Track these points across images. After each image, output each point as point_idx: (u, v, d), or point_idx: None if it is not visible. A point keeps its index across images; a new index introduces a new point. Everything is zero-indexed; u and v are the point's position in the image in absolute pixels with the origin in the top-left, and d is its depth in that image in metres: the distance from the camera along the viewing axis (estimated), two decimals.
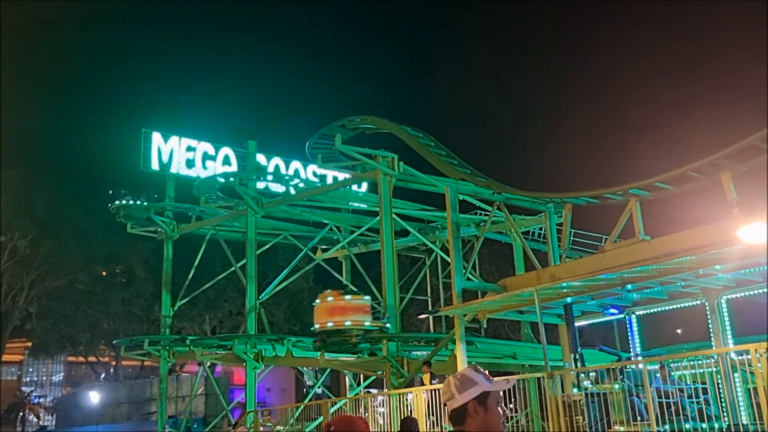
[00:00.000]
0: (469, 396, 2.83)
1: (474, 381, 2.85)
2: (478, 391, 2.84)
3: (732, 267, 13.02)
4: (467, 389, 2.84)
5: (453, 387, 2.87)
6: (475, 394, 2.83)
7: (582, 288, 14.51)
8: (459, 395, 2.84)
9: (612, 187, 16.01)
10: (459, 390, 2.85)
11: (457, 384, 2.87)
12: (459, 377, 2.89)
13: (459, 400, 2.84)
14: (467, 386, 2.85)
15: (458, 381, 2.88)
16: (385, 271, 21.06)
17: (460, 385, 2.86)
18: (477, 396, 2.83)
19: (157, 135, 30.20)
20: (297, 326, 42.85)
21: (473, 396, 2.83)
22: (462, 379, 2.88)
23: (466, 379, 2.87)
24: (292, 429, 20.60)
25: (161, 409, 28.85)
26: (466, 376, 2.89)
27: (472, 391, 2.83)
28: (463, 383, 2.86)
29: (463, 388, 2.85)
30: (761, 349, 9.86)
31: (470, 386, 2.84)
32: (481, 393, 2.84)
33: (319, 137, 23.94)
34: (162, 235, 29.92)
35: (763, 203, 12.54)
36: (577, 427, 12.23)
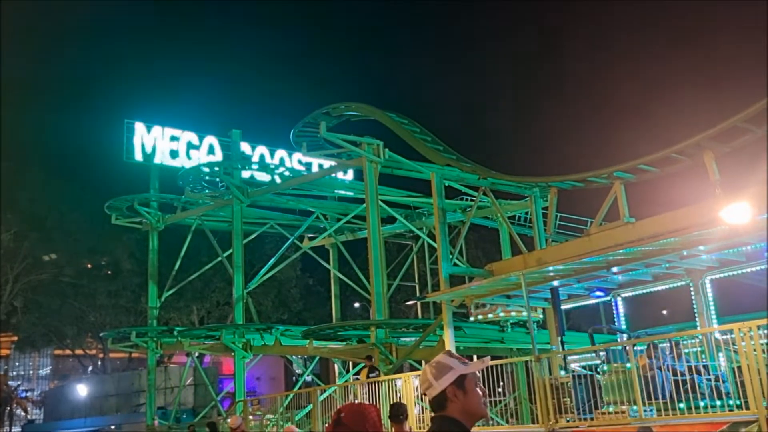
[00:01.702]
0: (447, 381, 2.84)
1: (449, 366, 2.87)
2: (455, 375, 2.84)
3: (715, 247, 13.14)
4: (444, 375, 2.85)
5: (430, 375, 2.88)
6: (452, 379, 2.84)
7: (568, 271, 14.59)
8: (436, 382, 2.85)
9: (596, 170, 16.07)
10: (436, 377, 2.86)
11: (434, 372, 2.88)
12: (434, 365, 2.90)
13: (437, 387, 2.85)
14: (443, 372, 2.86)
15: (434, 369, 2.89)
16: (372, 258, 21.07)
17: (436, 373, 2.87)
18: (455, 380, 2.84)
19: (140, 125, 29.96)
20: (285, 315, 42.89)
21: (451, 381, 2.84)
22: (437, 366, 2.89)
23: (441, 365, 2.88)
24: (281, 417, 20.64)
25: (150, 401, 28.80)
26: (441, 362, 2.90)
27: (449, 376, 2.84)
28: (439, 370, 2.87)
29: (440, 374, 2.86)
30: (745, 329, 9.96)
31: (446, 372, 2.86)
32: (458, 377, 2.85)
33: (304, 125, 23.80)
34: (147, 226, 29.75)
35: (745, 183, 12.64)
36: (565, 408, 12.32)
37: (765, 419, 9.39)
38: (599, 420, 11.81)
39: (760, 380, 9.58)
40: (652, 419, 10.94)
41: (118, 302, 44.21)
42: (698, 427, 10.28)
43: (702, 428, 10.22)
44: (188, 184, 28.16)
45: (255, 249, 36.24)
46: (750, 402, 9.79)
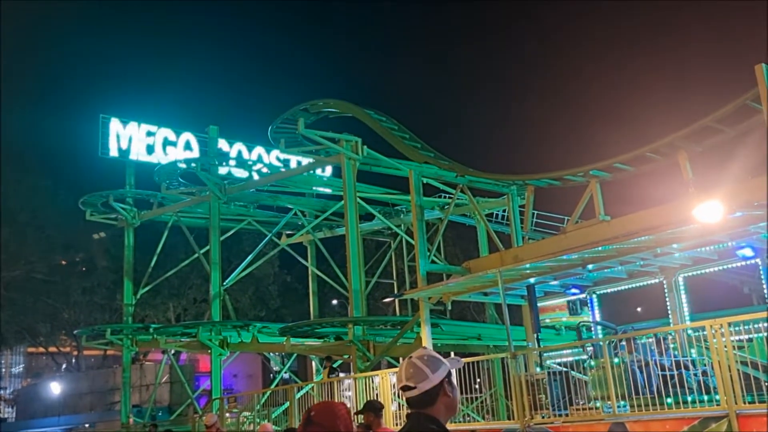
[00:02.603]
0: (441, 375, 2.80)
1: (442, 361, 2.83)
2: (447, 369, 2.82)
3: (689, 246, 13.34)
4: (439, 369, 2.80)
5: (425, 367, 2.79)
6: (445, 372, 2.81)
7: (544, 269, 14.71)
8: (433, 375, 2.78)
9: (573, 169, 16.22)
10: (433, 370, 2.79)
11: (430, 365, 2.80)
12: (427, 358, 2.83)
13: (434, 380, 2.78)
14: (438, 366, 2.81)
15: (428, 362, 2.81)
16: (350, 255, 21.06)
17: (432, 365, 2.80)
18: (446, 374, 2.82)
19: (116, 121, 29.66)
20: (263, 312, 42.70)
21: (444, 375, 2.81)
22: (431, 359, 2.82)
23: (435, 359, 2.83)
24: (258, 415, 20.56)
25: (125, 399, 28.53)
26: (433, 356, 2.84)
27: (443, 369, 2.81)
28: (435, 363, 2.81)
29: (435, 368, 2.80)
30: (716, 326, 10.12)
31: (440, 365, 2.81)
32: (448, 371, 2.83)
33: (282, 122, 23.70)
34: (122, 222, 29.46)
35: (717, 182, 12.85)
36: (540, 404, 12.43)
37: (735, 415, 9.56)
38: (573, 416, 11.93)
39: (730, 376, 9.75)
40: (625, 415, 11.09)
41: (92, 299, 43.67)
42: (670, 423, 10.43)
43: (674, 424, 10.37)
44: (164, 180, 27.94)
45: (232, 246, 36.03)
46: (720, 398, 9.96)
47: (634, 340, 12.15)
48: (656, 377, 11.62)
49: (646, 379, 11.61)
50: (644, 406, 10.86)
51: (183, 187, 28.45)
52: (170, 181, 28.12)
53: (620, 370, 11.61)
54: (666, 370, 11.60)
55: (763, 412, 9.48)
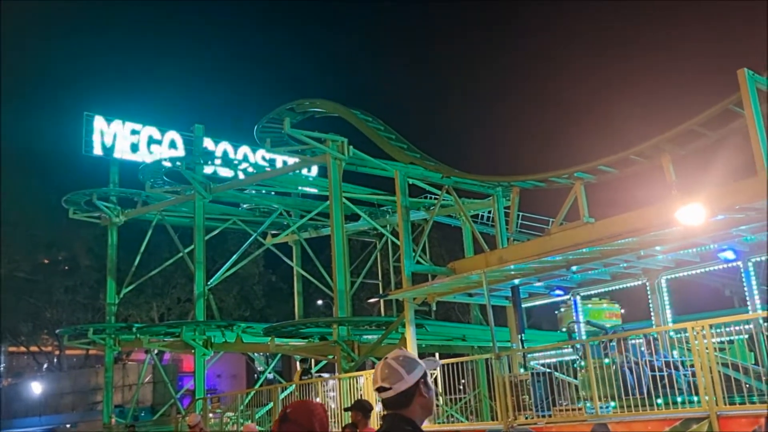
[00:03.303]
0: (417, 376, 2.79)
1: (417, 362, 2.82)
2: (423, 370, 2.81)
3: (671, 248, 13.45)
4: (414, 369, 2.79)
5: (400, 368, 2.79)
6: (421, 373, 2.80)
7: (529, 270, 14.78)
8: (408, 376, 2.78)
9: (557, 171, 16.29)
10: (408, 371, 2.79)
11: (404, 365, 2.80)
12: (402, 359, 2.82)
13: (409, 380, 2.78)
14: (414, 366, 2.80)
15: (403, 362, 2.81)
16: (335, 255, 21.03)
17: (408, 366, 2.80)
18: (422, 375, 2.80)
19: (100, 119, 29.47)
20: (247, 312, 42.52)
21: (420, 376, 2.80)
22: (406, 360, 2.82)
23: (410, 359, 2.82)
24: (242, 415, 20.47)
25: (107, 399, 28.32)
26: (409, 357, 2.84)
27: (419, 370, 2.80)
28: (410, 364, 2.81)
29: (411, 368, 2.79)
30: (698, 328, 10.21)
31: (416, 366, 2.80)
32: (424, 372, 2.82)
33: (268, 121, 23.63)
34: (106, 221, 29.25)
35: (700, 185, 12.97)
36: (524, 405, 12.47)
37: (716, 416, 9.64)
38: (557, 417, 11.99)
39: (711, 378, 9.83)
40: (608, 416, 11.15)
41: (75, 298, 43.29)
42: (652, 424, 10.50)
43: (656, 424, 10.44)
44: (149, 178, 27.77)
45: (217, 245, 35.87)
46: (701, 399, 10.05)
47: (625, 340, 12.23)
48: (646, 378, 11.70)
49: (636, 379, 11.69)
50: (633, 406, 10.92)
51: (168, 185, 28.29)
52: (155, 179, 27.96)
53: (611, 370, 11.69)
54: (656, 371, 11.69)
55: (743, 413, 9.58)
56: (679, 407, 10.66)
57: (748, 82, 11.36)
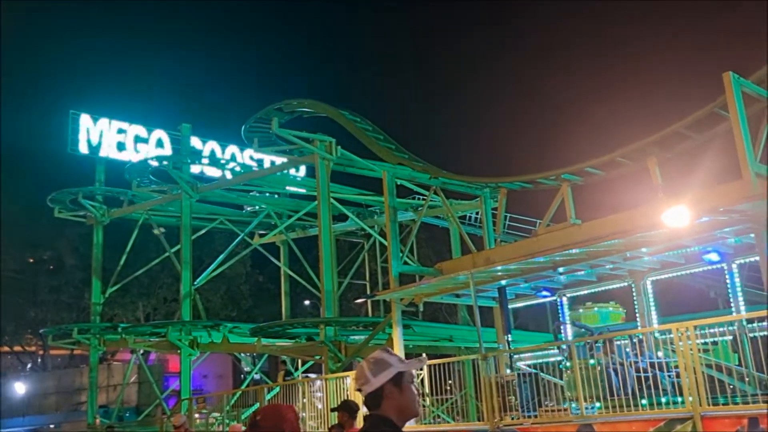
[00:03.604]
0: (385, 378, 2.79)
1: (388, 363, 2.82)
2: (393, 372, 2.80)
3: (657, 250, 13.54)
4: (382, 371, 2.80)
5: (367, 371, 2.83)
6: (390, 375, 2.80)
7: (516, 271, 14.83)
8: (374, 378, 2.80)
9: (544, 172, 16.36)
10: (374, 373, 2.81)
11: (372, 367, 2.83)
12: (372, 361, 2.85)
13: (374, 383, 2.80)
14: (382, 368, 2.81)
15: (372, 364, 2.84)
16: (323, 255, 21.00)
17: (374, 369, 2.82)
18: (392, 378, 2.80)
19: (86, 117, 29.26)
20: (234, 312, 42.35)
21: (388, 378, 2.79)
22: (376, 362, 2.84)
23: (380, 361, 2.83)
24: (227, 416, 20.39)
25: (91, 399, 28.12)
26: (380, 358, 2.85)
27: (387, 373, 2.80)
28: (378, 366, 2.82)
29: (378, 370, 2.81)
30: (683, 329, 10.29)
31: (385, 368, 2.81)
32: (396, 374, 2.81)
33: (256, 120, 23.56)
34: (92, 220, 29.05)
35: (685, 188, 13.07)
36: (510, 406, 12.52)
37: (699, 416, 9.72)
38: (542, 417, 12.04)
39: (696, 379, 9.91)
40: (593, 416, 11.21)
41: (59, 298, 42.95)
42: (636, 425, 10.57)
43: (640, 425, 10.52)
44: (135, 177, 27.62)
45: (204, 245, 35.71)
46: (686, 400, 10.12)
47: (611, 341, 12.30)
48: (631, 379, 11.78)
49: (621, 380, 11.76)
50: (618, 407, 10.99)
51: (154, 185, 28.13)
52: (141, 178, 27.80)
53: (596, 371, 11.75)
54: (641, 372, 11.77)
55: (726, 413, 9.66)
56: (664, 408, 10.74)
57: (734, 86, 11.46)
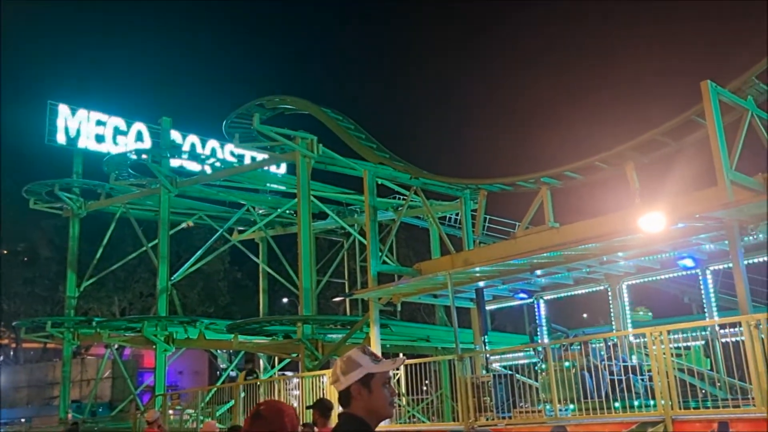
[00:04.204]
0: (353, 378, 2.79)
1: (358, 363, 2.81)
2: (362, 373, 2.79)
3: (633, 254, 13.68)
4: (351, 372, 2.80)
5: (338, 370, 2.83)
6: (358, 376, 2.79)
7: (493, 273, 14.89)
8: (343, 378, 2.80)
9: (524, 175, 16.46)
10: (344, 372, 2.81)
11: (342, 367, 2.83)
12: (345, 360, 2.85)
13: (343, 382, 2.80)
14: (351, 368, 2.80)
15: (343, 364, 2.83)
16: (301, 253, 20.94)
17: (345, 368, 2.82)
18: (361, 378, 2.79)
19: (64, 107, 28.93)
20: (211, 308, 42.10)
21: (357, 378, 2.78)
22: (347, 361, 2.83)
23: (350, 361, 2.83)
24: (202, 412, 20.26)
25: (64, 394, 27.80)
26: (351, 358, 2.84)
27: (356, 373, 2.79)
28: (348, 366, 2.82)
29: (348, 370, 2.81)
30: (656, 333, 10.41)
31: (354, 368, 2.80)
32: (365, 375, 2.79)
33: (237, 116, 23.44)
34: (68, 212, 28.70)
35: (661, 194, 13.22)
36: (485, 407, 12.57)
37: (671, 420, 9.84)
38: (517, 419, 12.11)
39: (668, 383, 10.03)
40: (566, 418, 11.30)
41: (34, 290, 42.37)
42: (609, 427, 10.68)
43: (613, 427, 10.62)
44: (113, 170, 27.35)
45: (182, 240, 35.45)
46: (658, 403, 10.25)
47: (586, 344, 12.40)
48: (605, 381, 11.89)
49: (595, 383, 11.87)
50: (591, 409, 11.09)
51: (133, 178, 27.88)
52: (120, 171, 27.53)
53: (570, 373, 11.84)
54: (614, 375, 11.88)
55: (697, 417, 9.79)
56: (636, 411, 10.86)
57: (711, 94, 11.62)
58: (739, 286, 10.90)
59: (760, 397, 9.05)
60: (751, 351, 9.20)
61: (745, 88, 12.47)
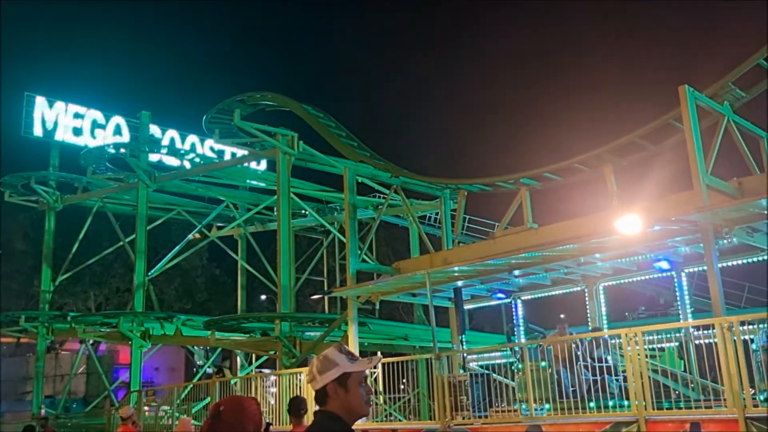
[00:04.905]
0: (329, 378, 2.78)
1: (335, 362, 2.81)
2: (338, 372, 2.79)
3: (610, 256, 13.80)
4: (327, 370, 2.80)
5: (314, 369, 2.83)
6: (335, 375, 2.78)
7: (472, 272, 14.94)
8: (320, 377, 2.80)
9: (504, 176, 16.55)
10: (320, 371, 2.81)
11: (319, 366, 2.82)
12: (321, 358, 2.85)
13: (320, 381, 2.80)
14: (327, 367, 2.80)
15: (320, 363, 2.83)
16: (280, 250, 20.86)
17: (321, 367, 2.82)
18: (337, 377, 2.79)
19: (41, 99, 28.57)
20: (188, 305, 41.80)
21: (333, 378, 2.78)
22: (323, 360, 2.83)
23: (327, 360, 2.83)
24: (177, 409, 20.11)
25: (37, 389, 27.44)
26: (328, 357, 2.84)
27: (332, 372, 2.79)
28: (324, 365, 2.82)
29: (324, 369, 2.80)
30: (631, 334, 10.52)
31: (331, 367, 2.80)
32: (342, 374, 2.79)
33: (218, 111, 23.30)
34: (44, 205, 28.34)
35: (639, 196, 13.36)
36: (461, 406, 12.62)
37: (644, 420, 9.95)
38: (493, 418, 12.18)
39: (642, 383, 10.14)
40: (542, 418, 11.39)
41: (8, 285, 41.73)
42: (584, 426, 10.77)
43: (587, 427, 10.71)
44: (91, 164, 27.07)
45: (160, 235, 35.13)
46: (632, 404, 10.36)
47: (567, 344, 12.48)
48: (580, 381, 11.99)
49: (570, 383, 11.96)
50: (566, 409, 11.18)
51: (110, 172, 27.61)
52: (97, 165, 27.25)
53: (547, 373, 11.93)
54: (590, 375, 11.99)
55: (670, 418, 9.91)
56: (610, 411, 10.97)
57: (689, 99, 11.75)
58: (713, 288, 11.05)
59: (731, 399, 9.18)
60: (723, 353, 9.33)
61: (722, 93, 12.64)
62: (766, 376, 9.60)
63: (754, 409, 9.04)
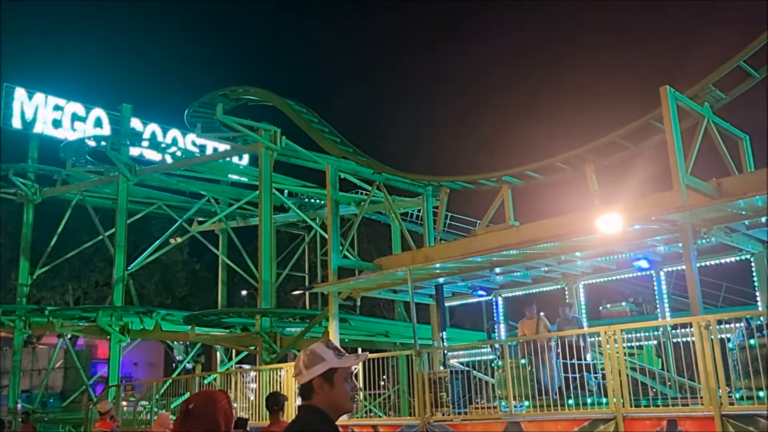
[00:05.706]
0: (316, 372, 2.79)
1: (321, 357, 2.81)
2: (325, 367, 2.80)
3: (590, 254, 13.91)
4: (314, 365, 2.80)
5: (301, 363, 2.84)
6: (321, 370, 2.79)
7: (453, 269, 14.99)
8: (306, 371, 2.81)
9: (486, 173, 16.60)
10: (306, 366, 2.82)
11: (305, 360, 2.83)
12: (308, 353, 2.85)
13: (306, 376, 2.80)
14: (314, 362, 2.81)
15: (306, 357, 2.84)
16: (262, 245, 20.77)
17: (308, 361, 2.82)
18: (323, 372, 2.79)
19: (21, 91, 28.21)
20: (168, 299, 41.51)
21: (319, 372, 2.79)
22: (310, 355, 2.84)
23: (314, 355, 2.83)
24: (156, 404, 19.98)
25: (13, 383, 27.12)
26: (315, 352, 2.84)
27: (319, 367, 2.80)
28: (311, 359, 2.82)
29: (311, 364, 2.81)
30: (610, 332, 10.61)
31: (317, 362, 2.81)
32: (328, 369, 2.80)
33: (200, 105, 23.12)
34: (22, 198, 27.99)
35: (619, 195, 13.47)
36: (441, 402, 12.66)
37: (622, 417, 10.05)
38: (472, 414, 12.23)
39: (620, 381, 10.24)
40: (521, 414, 11.45)
41: None
42: (562, 424, 10.85)
43: (566, 424, 10.79)
44: (71, 157, 26.77)
45: (140, 229, 34.82)
46: (610, 401, 10.45)
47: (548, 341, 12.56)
48: (560, 379, 12.08)
49: (550, 380, 12.04)
50: (545, 406, 11.25)
51: (90, 165, 27.32)
52: (77, 158, 26.95)
53: (526, 370, 11.99)
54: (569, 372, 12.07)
55: (647, 415, 10.02)
56: (589, 408, 11.05)
57: (669, 99, 11.86)
58: (691, 287, 11.16)
59: (708, 396, 9.29)
60: (701, 351, 9.44)
61: (703, 94, 12.77)
62: (742, 375, 9.72)
63: (730, 407, 9.16)
